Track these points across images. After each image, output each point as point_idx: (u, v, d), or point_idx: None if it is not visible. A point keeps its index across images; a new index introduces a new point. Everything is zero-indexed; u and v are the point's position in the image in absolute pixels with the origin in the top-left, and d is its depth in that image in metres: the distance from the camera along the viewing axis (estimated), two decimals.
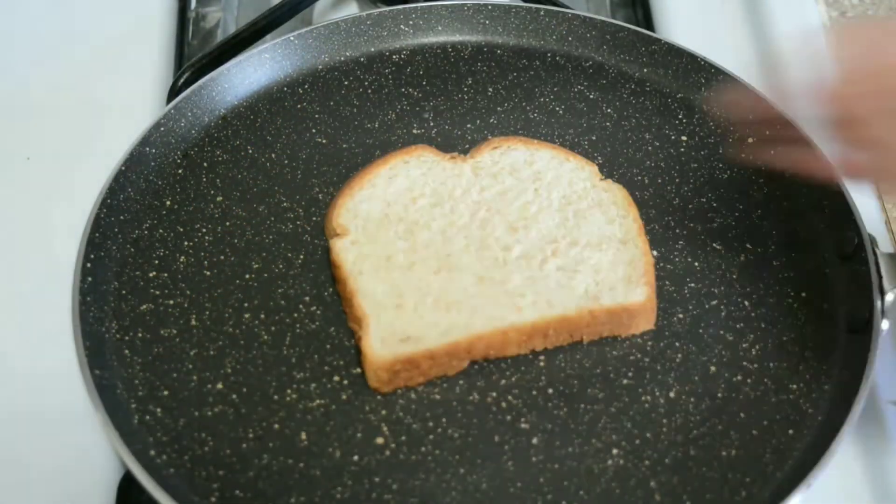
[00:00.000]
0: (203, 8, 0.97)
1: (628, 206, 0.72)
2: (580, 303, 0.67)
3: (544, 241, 0.70)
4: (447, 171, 0.74)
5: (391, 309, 0.66)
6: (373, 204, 0.71)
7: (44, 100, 0.86)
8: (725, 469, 0.62)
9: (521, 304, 0.66)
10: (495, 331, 0.65)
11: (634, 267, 0.69)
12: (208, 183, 0.75)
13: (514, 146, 0.75)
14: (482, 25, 0.85)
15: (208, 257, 0.71)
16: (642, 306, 0.67)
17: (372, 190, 0.72)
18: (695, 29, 0.91)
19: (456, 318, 0.65)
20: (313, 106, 0.80)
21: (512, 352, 0.66)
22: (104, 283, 0.69)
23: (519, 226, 0.70)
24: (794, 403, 0.65)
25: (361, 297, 0.66)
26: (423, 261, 0.68)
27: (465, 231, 0.70)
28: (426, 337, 0.64)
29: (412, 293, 0.67)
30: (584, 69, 0.83)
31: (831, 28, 0.69)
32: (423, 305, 0.66)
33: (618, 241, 0.70)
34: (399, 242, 0.69)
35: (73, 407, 0.66)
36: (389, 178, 0.73)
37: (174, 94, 0.82)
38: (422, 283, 0.67)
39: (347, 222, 0.70)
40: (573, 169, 0.74)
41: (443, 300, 0.66)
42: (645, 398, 0.65)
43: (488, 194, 0.72)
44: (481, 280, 0.67)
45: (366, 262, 0.68)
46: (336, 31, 0.83)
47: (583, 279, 0.68)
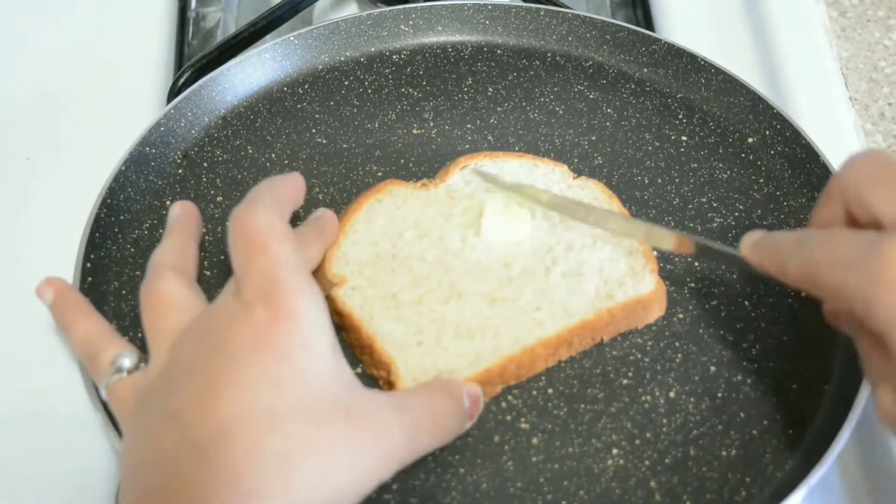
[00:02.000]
0: (203, 8, 0.97)
1: (609, 199, 0.72)
2: (595, 304, 0.66)
3: (540, 251, 0.69)
4: (423, 200, 0.72)
5: (415, 347, 0.64)
6: (361, 248, 0.69)
7: (44, 100, 0.86)
8: (725, 469, 0.62)
9: (540, 318, 0.65)
10: (523, 350, 0.64)
11: (635, 257, 0.69)
12: (208, 183, 0.75)
13: (481, 162, 0.74)
14: (482, 25, 0.85)
15: (208, 257, 0.71)
16: (654, 294, 0.67)
17: (355, 235, 0.70)
18: (695, 29, 0.91)
19: (481, 343, 0.64)
20: (313, 106, 0.81)
21: (540, 367, 0.65)
22: (104, 283, 0.69)
23: (511, 240, 0.69)
24: (795, 403, 0.65)
25: (382, 342, 0.64)
26: (429, 293, 0.67)
27: (460, 256, 0.68)
28: (457, 368, 0.63)
29: (430, 327, 0.65)
30: (584, 69, 0.83)
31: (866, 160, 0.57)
32: (446, 337, 0.65)
33: (611, 236, 0.70)
34: (400, 279, 0.67)
35: (73, 407, 0.66)
36: (368, 221, 0.70)
37: (174, 94, 0.82)
38: (436, 314, 0.66)
39: (342, 270, 0.68)
40: (545, 174, 0.74)
41: (463, 328, 0.65)
42: (645, 398, 0.65)
43: (470, 216, 0.71)
44: (493, 301, 0.66)
45: (374, 305, 0.66)
46: (336, 31, 0.83)
47: (590, 281, 0.67)
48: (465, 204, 0.72)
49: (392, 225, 0.70)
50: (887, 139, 0.87)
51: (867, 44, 0.95)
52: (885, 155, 0.57)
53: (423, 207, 0.72)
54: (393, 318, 0.65)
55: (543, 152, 0.78)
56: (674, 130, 0.79)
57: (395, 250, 0.69)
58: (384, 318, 0.65)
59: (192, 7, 0.96)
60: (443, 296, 0.67)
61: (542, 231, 0.70)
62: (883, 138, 0.88)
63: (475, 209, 0.71)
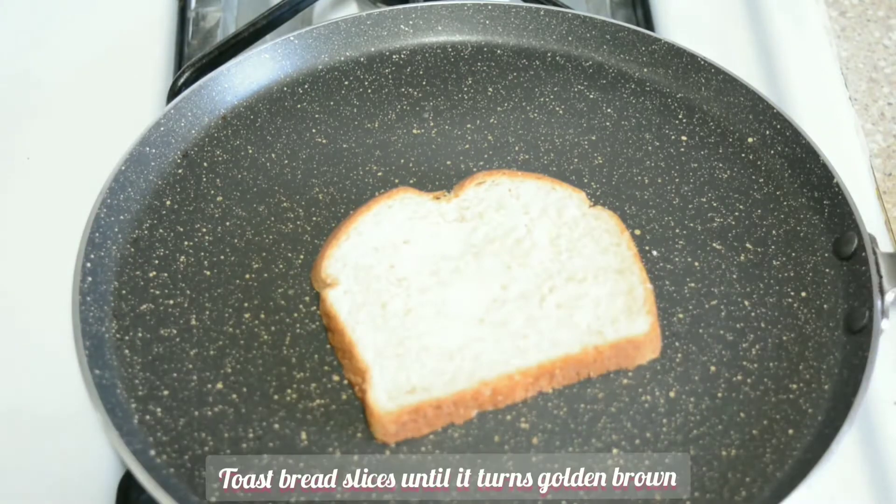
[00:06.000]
0: (203, 8, 0.97)
1: (620, 233, 0.70)
2: (584, 339, 0.65)
3: (540, 278, 0.68)
4: (433, 213, 0.71)
5: (393, 359, 0.64)
6: (361, 252, 0.69)
7: (44, 100, 0.86)
8: (725, 469, 0.62)
9: (525, 345, 0.64)
10: (501, 376, 0.63)
11: (633, 297, 0.67)
12: (208, 183, 0.75)
13: (498, 180, 0.73)
14: (482, 25, 0.85)
15: (208, 257, 0.71)
16: (647, 337, 0.66)
17: (358, 238, 0.69)
18: (695, 29, 0.91)
19: (460, 364, 0.63)
20: (313, 106, 0.80)
21: (519, 396, 0.64)
22: (104, 283, 0.69)
23: (512, 264, 0.68)
24: (794, 403, 0.65)
25: (362, 349, 0.64)
26: (419, 306, 0.66)
27: (459, 273, 0.68)
28: (432, 386, 0.63)
29: (412, 341, 0.64)
30: (584, 69, 0.83)
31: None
32: (426, 353, 0.64)
33: (614, 271, 0.68)
34: (393, 289, 0.67)
35: (74, 407, 0.66)
36: (375, 225, 0.70)
37: (174, 93, 0.82)
38: (420, 329, 0.65)
39: (337, 272, 0.67)
40: (561, 198, 0.72)
41: (445, 346, 0.64)
42: (645, 398, 0.65)
43: (478, 233, 0.70)
44: (481, 323, 0.65)
45: (361, 311, 0.66)
46: (336, 30, 0.83)
47: (583, 315, 0.66)
48: (474, 223, 0.70)
49: (396, 233, 0.70)
50: (887, 139, 0.87)
51: (867, 44, 0.95)
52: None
53: (431, 220, 0.71)
54: (377, 328, 0.65)
55: (543, 152, 0.77)
56: (674, 130, 0.79)
57: (394, 260, 0.68)
58: (368, 327, 0.65)
59: (192, 7, 0.96)
60: (431, 312, 0.66)
61: (547, 257, 0.69)
62: (883, 138, 0.88)
63: (483, 226, 0.70)
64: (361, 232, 0.70)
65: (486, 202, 0.71)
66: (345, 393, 0.65)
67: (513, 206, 0.71)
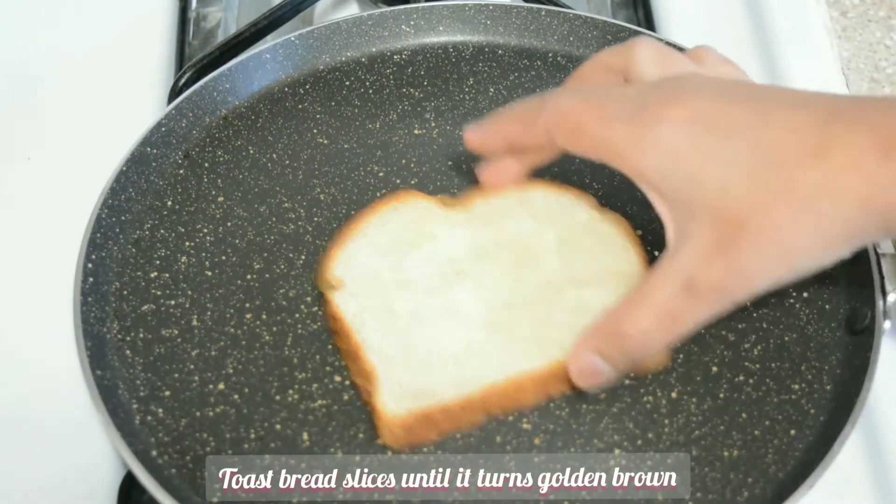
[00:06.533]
0: (204, 8, 0.97)
1: (629, 238, 0.70)
2: None
3: (548, 283, 0.67)
4: (439, 217, 0.70)
5: (400, 362, 0.63)
6: (367, 254, 0.68)
7: (44, 100, 0.86)
8: (727, 469, 0.62)
9: (532, 350, 0.64)
10: (508, 380, 0.63)
11: None
12: (209, 183, 0.75)
13: None
14: (483, 25, 0.85)
15: (210, 258, 0.71)
16: None
17: (364, 240, 0.69)
18: (695, 29, 0.91)
19: (467, 368, 0.63)
20: (314, 106, 0.81)
21: (529, 402, 0.64)
22: (105, 284, 0.69)
23: (520, 268, 0.68)
24: (796, 404, 0.65)
25: (368, 352, 0.63)
26: (426, 309, 0.66)
27: (466, 277, 0.67)
28: (439, 390, 0.62)
29: (419, 344, 0.64)
30: None
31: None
32: (432, 356, 0.64)
33: (623, 277, 0.67)
34: (399, 292, 0.66)
35: (75, 408, 0.66)
36: (380, 227, 0.70)
37: (175, 94, 0.82)
38: (427, 333, 0.65)
39: (343, 274, 0.67)
40: (569, 204, 0.71)
41: (452, 350, 0.64)
42: (647, 399, 0.65)
43: (485, 237, 0.69)
44: (489, 327, 0.65)
45: (367, 314, 0.65)
46: (337, 31, 0.83)
47: (592, 320, 0.64)
48: (480, 225, 0.70)
49: (403, 235, 0.69)
50: None
51: (868, 44, 0.95)
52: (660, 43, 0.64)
53: (438, 224, 0.70)
54: (384, 330, 0.64)
55: None
56: None
57: (401, 262, 0.68)
58: (375, 329, 0.64)
59: (193, 7, 0.96)
60: (438, 315, 0.65)
61: (555, 261, 0.68)
62: None
63: (490, 230, 0.69)
64: (367, 234, 0.69)
65: (493, 205, 0.71)
66: (346, 394, 0.65)
67: (520, 211, 0.71)
